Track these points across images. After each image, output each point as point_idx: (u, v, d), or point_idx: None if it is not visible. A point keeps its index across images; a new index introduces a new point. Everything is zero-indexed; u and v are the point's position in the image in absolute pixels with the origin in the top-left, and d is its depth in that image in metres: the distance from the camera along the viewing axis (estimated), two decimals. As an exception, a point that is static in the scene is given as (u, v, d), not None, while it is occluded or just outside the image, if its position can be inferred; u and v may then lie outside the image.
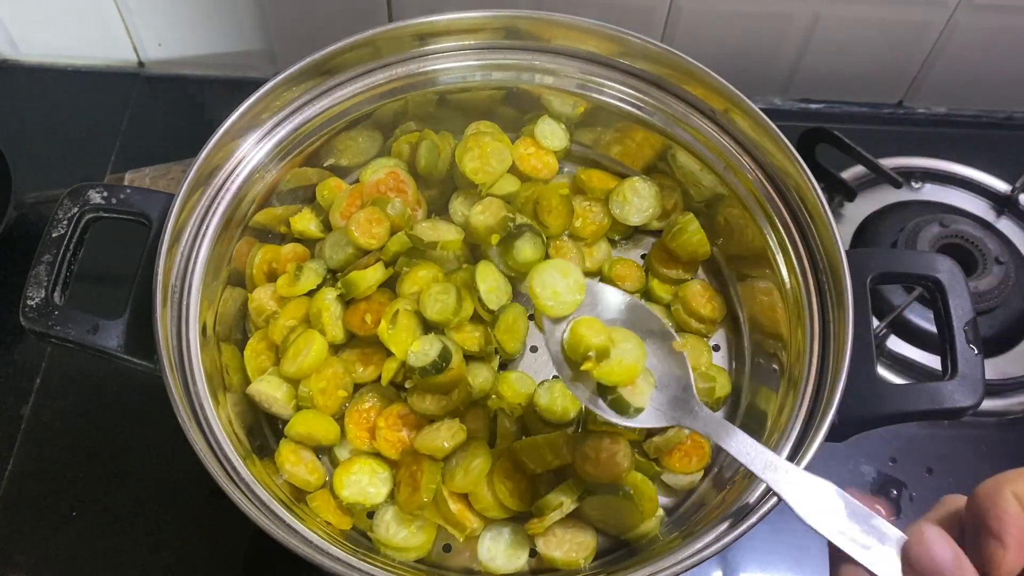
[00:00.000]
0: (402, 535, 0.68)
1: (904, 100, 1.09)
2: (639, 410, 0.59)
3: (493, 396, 0.73)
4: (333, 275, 0.77)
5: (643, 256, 0.84)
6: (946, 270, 0.67)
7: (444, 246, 0.75)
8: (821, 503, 0.47)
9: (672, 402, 0.59)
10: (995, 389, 0.86)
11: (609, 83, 0.78)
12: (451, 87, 0.80)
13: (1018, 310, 0.90)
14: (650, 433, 0.72)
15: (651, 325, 0.62)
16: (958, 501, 0.44)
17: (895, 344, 0.88)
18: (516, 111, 0.83)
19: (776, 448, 0.63)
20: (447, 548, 0.71)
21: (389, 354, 0.72)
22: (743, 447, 0.54)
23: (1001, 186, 1.00)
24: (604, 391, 0.60)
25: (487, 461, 0.68)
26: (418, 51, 0.77)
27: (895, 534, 0.44)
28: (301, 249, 0.79)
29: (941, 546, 0.41)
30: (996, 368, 0.87)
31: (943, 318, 0.67)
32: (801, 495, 0.49)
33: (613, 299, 0.62)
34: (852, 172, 0.99)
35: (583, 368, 0.58)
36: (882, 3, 0.95)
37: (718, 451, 0.74)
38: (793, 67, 1.02)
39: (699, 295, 0.78)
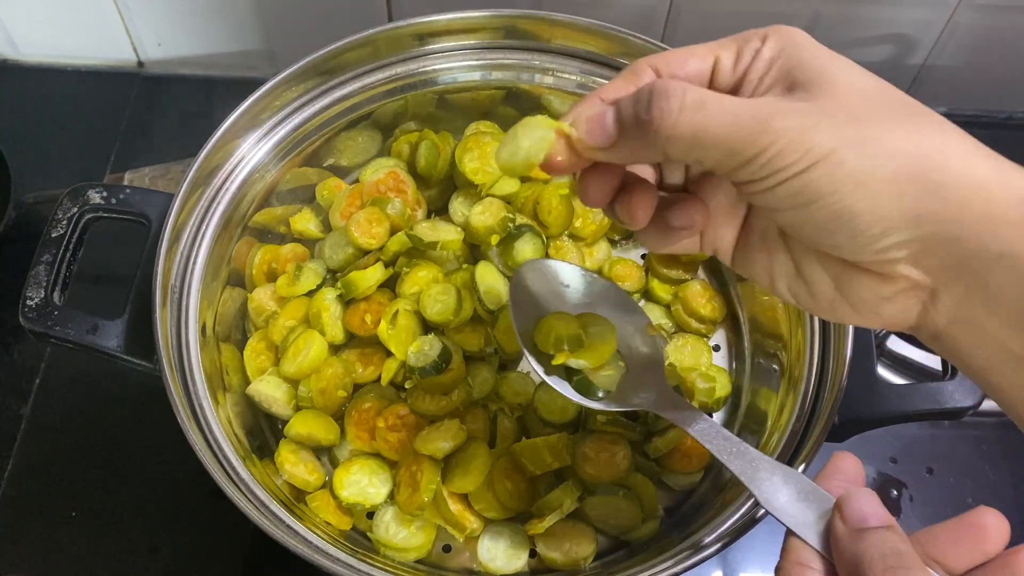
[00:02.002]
0: (402, 535, 0.68)
1: (904, 100, 1.09)
2: (607, 392, 0.58)
3: (493, 396, 0.73)
4: (333, 275, 0.77)
5: (643, 256, 0.84)
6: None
7: (444, 246, 0.75)
8: (783, 489, 0.46)
9: (641, 386, 0.58)
10: (995, 389, 0.86)
11: (609, 83, 0.78)
12: (451, 87, 0.80)
13: (1018, 310, 0.90)
14: (650, 433, 0.72)
15: (625, 307, 0.60)
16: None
17: (895, 344, 0.88)
18: (516, 111, 0.83)
19: (776, 448, 0.63)
20: (447, 548, 0.71)
21: (389, 354, 0.72)
22: (709, 433, 0.52)
23: (1001, 186, 1.00)
24: (569, 372, 0.58)
25: (487, 462, 0.68)
26: (418, 51, 0.77)
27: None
28: (301, 249, 0.79)
29: (874, 503, 0.41)
30: (996, 368, 0.87)
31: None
32: (764, 482, 0.48)
33: (587, 281, 0.61)
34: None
35: (555, 363, 0.57)
36: (882, 3, 0.95)
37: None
38: (793, 67, 1.02)
39: (699, 295, 0.78)
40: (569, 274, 0.61)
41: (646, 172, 0.47)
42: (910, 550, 0.39)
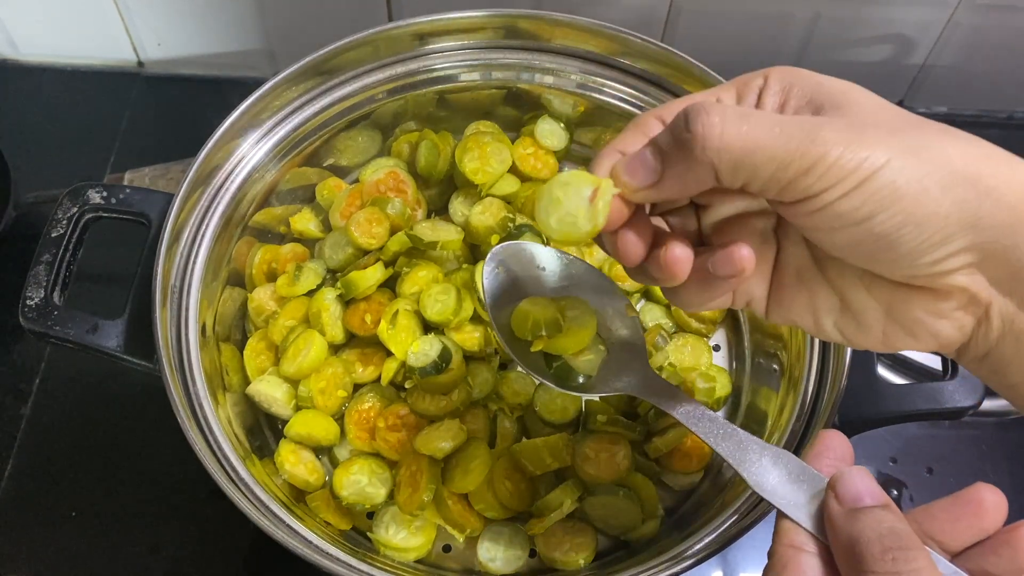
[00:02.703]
0: (402, 535, 0.68)
1: (904, 100, 1.09)
2: (588, 378, 0.55)
3: (493, 396, 0.73)
4: (333, 275, 0.77)
5: (643, 256, 0.84)
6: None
7: (444, 246, 0.75)
8: (773, 471, 0.45)
9: (623, 370, 0.56)
10: (995, 389, 0.86)
11: (609, 83, 0.78)
12: (451, 87, 0.80)
13: (1018, 310, 0.90)
14: (650, 433, 0.72)
15: (604, 289, 0.57)
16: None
17: (895, 344, 0.88)
18: (516, 111, 0.83)
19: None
20: (447, 548, 0.71)
21: (389, 354, 0.72)
22: (695, 415, 0.50)
23: (1001, 186, 1.00)
24: (548, 359, 0.56)
25: (487, 461, 0.68)
26: (418, 51, 0.77)
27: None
28: (301, 249, 0.79)
29: (868, 482, 0.40)
30: (996, 368, 0.87)
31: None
32: (754, 464, 0.46)
33: (563, 264, 0.58)
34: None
35: (533, 350, 0.55)
36: (882, 3, 0.95)
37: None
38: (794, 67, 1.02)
39: (699, 295, 0.78)
40: (545, 257, 0.57)
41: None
42: (907, 529, 0.38)
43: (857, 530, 0.38)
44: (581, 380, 0.55)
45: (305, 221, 0.80)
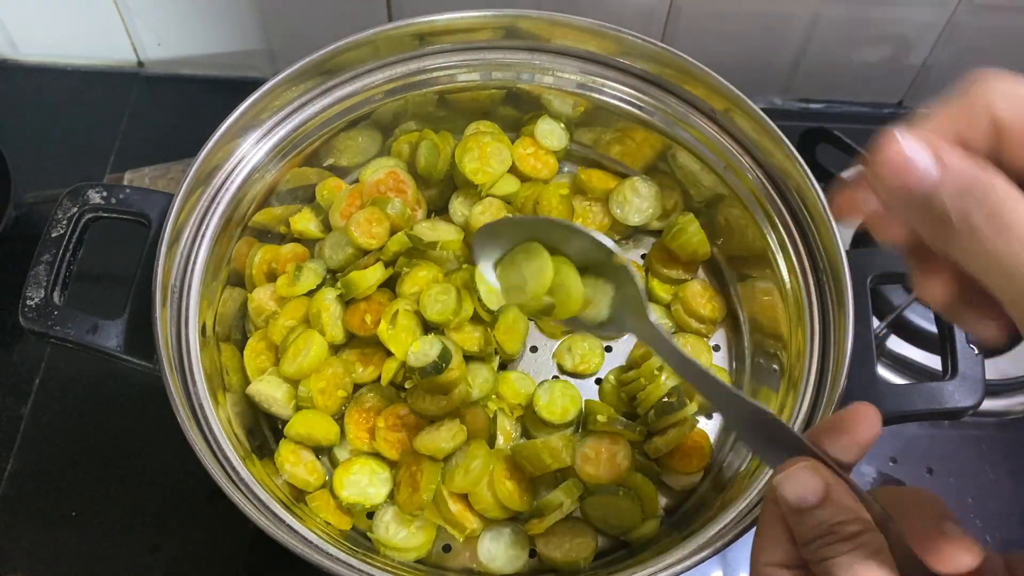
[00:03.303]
0: (402, 535, 0.68)
1: (904, 100, 1.09)
2: (601, 323, 0.58)
3: (493, 396, 0.73)
4: (333, 275, 0.77)
5: (643, 256, 0.84)
6: (946, 270, 0.67)
7: (444, 246, 0.75)
8: (756, 423, 0.47)
9: (622, 312, 0.57)
10: (995, 389, 0.86)
11: (609, 83, 0.78)
12: (451, 87, 0.80)
13: (1018, 310, 0.90)
14: (650, 433, 0.72)
15: (585, 241, 0.57)
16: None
17: (895, 344, 0.88)
18: (516, 111, 0.83)
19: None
20: (447, 548, 0.71)
21: (389, 354, 0.72)
22: (683, 365, 0.52)
23: (1001, 186, 1.00)
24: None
25: (487, 461, 0.68)
26: (418, 51, 0.77)
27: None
28: (301, 249, 0.79)
29: (807, 481, 0.42)
30: (996, 368, 0.87)
31: (943, 318, 0.67)
32: (736, 414, 0.48)
33: (545, 229, 0.59)
34: (853, 172, 0.99)
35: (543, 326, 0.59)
36: (882, 3, 0.95)
37: (718, 451, 0.74)
38: (793, 67, 1.02)
39: (699, 295, 0.78)
40: (528, 228, 0.59)
41: None
42: (838, 519, 0.41)
43: (796, 528, 0.42)
44: (605, 328, 0.58)
45: (305, 221, 0.80)
